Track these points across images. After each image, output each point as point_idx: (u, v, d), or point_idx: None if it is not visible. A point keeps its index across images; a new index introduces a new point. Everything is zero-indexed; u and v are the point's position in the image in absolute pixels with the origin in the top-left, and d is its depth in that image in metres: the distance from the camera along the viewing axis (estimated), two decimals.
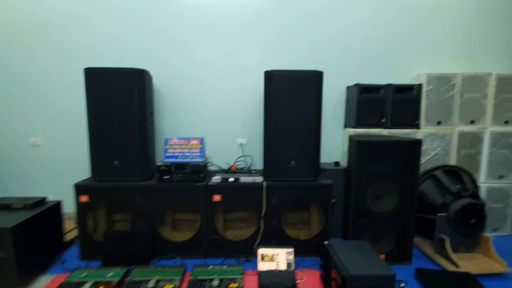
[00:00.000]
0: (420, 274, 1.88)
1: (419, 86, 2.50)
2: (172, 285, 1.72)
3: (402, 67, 2.73)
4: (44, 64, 2.63)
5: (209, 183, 2.14)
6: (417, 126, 2.54)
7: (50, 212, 2.07)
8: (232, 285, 1.73)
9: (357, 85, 2.50)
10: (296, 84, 2.10)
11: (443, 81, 2.51)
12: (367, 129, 2.53)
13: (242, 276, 1.85)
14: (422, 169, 2.45)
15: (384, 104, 2.52)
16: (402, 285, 1.73)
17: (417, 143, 2.00)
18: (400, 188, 2.05)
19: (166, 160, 2.21)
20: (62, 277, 1.93)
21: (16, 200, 2.07)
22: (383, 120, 2.52)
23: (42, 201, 2.12)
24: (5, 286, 1.71)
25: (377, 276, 1.49)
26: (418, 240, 2.41)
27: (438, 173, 2.27)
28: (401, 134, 2.52)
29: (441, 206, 2.14)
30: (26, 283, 1.83)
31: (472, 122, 2.55)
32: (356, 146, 2.02)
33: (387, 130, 2.54)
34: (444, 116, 2.54)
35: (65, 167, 2.76)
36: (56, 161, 2.75)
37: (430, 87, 2.52)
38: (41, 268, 2.00)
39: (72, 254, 2.25)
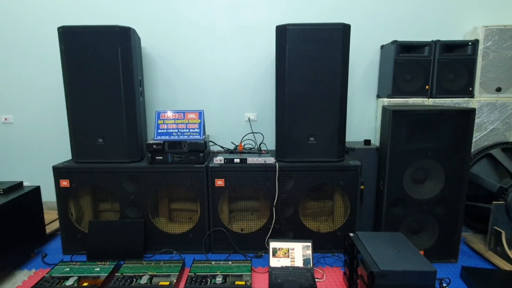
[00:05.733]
0: (467, 273, 1.87)
1: (475, 42, 2.40)
2: (168, 282, 1.78)
3: (453, 19, 2.62)
4: (13, 28, 2.67)
5: (211, 165, 2.17)
6: (470, 94, 2.46)
7: (28, 198, 2.16)
8: (238, 282, 1.78)
9: (394, 42, 2.42)
10: (316, 41, 2.05)
11: (506, 36, 2.40)
12: (406, 99, 2.48)
13: (250, 273, 1.89)
14: (476, 147, 2.40)
15: (429, 66, 2.44)
16: (444, 284, 1.72)
17: (469, 113, 1.94)
18: (446, 169, 2.01)
19: (159, 137, 2.24)
20: (42, 272, 2.04)
21: None
22: (427, 86, 2.45)
23: (17, 186, 2.21)
24: None
25: (413, 272, 1.49)
26: (466, 234, 2.40)
27: (495, 151, 2.22)
28: (450, 104, 2.46)
29: (498, 192, 2.10)
30: None
31: None
32: (392, 117, 1.98)
33: (431, 99, 2.48)
34: (506, 81, 2.45)
35: (42, 148, 2.86)
36: (32, 141, 2.85)
37: (489, 43, 2.41)
38: (18, 262, 2.10)
39: (54, 248, 2.37)
